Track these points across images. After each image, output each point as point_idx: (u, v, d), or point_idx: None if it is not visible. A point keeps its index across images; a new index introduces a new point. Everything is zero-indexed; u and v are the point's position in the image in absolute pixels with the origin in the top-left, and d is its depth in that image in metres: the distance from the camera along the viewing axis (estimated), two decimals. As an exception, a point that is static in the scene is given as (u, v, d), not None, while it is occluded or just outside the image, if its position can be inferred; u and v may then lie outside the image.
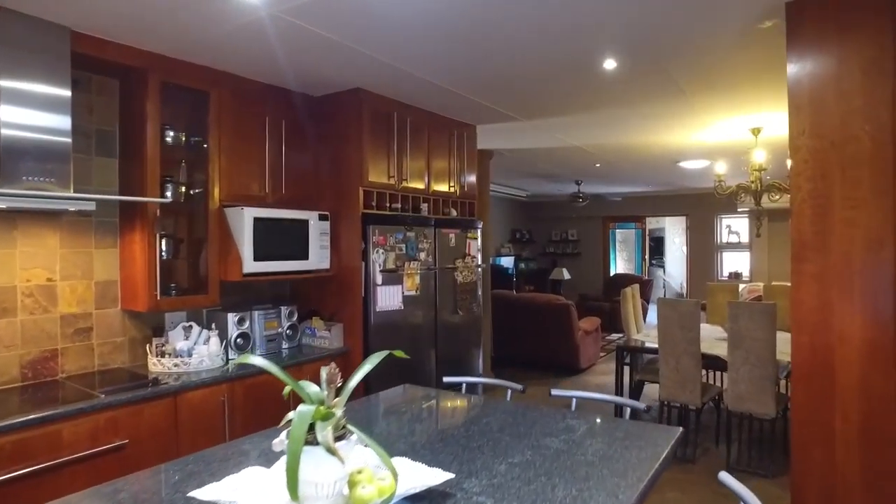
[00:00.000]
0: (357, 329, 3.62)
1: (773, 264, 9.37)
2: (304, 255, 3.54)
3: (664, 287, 13.48)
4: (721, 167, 4.84)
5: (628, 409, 2.18)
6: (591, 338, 6.76)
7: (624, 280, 10.52)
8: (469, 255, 4.36)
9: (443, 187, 4.29)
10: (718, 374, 4.91)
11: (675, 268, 13.42)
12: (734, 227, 9.86)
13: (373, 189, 3.70)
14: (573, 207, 10.24)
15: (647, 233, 11.55)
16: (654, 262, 13.74)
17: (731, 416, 3.81)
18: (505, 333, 6.91)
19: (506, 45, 2.83)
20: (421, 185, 4.09)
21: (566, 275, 10.66)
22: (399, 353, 1.62)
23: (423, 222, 3.96)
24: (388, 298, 3.68)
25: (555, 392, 2.40)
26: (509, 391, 2.47)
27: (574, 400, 2.27)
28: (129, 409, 2.52)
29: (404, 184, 3.93)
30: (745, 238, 9.74)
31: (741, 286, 7.59)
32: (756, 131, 4.58)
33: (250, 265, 3.22)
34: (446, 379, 2.58)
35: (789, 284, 2.49)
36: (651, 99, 3.81)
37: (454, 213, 4.41)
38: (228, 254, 3.21)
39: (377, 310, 3.61)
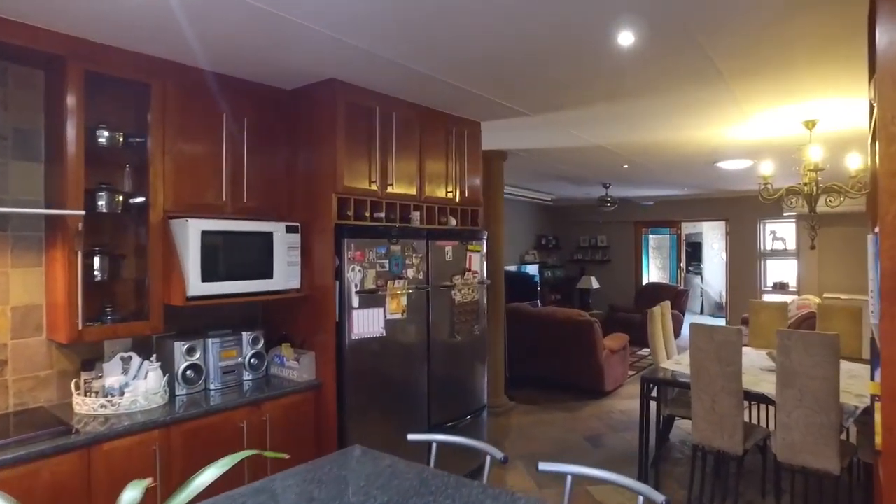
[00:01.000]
0: (329, 359, 3.10)
1: (825, 274, 8.50)
2: (267, 273, 3.04)
3: (702, 296, 12.62)
4: (767, 167, 4.16)
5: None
6: (618, 357, 6.10)
7: (656, 290, 9.78)
8: (470, 270, 3.80)
9: (439, 193, 3.74)
10: (764, 407, 4.22)
11: (713, 276, 12.54)
12: (780, 232, 9.02)
13: (349, 196, 3.18)
14: (602, 212, 9.54)
15: (682, 238, 10.76)
16: (690, 268, 12.89)
17: (782, 466, 3.14)
18: (522, 351, 6.31)
19: (493, 14, 2.27)
20: (411, 191, 3.55)
21: (595, 283, 9.97)
22: (271, 454, 1.07)
23: (411, 234, 3.42)
24: (367, 323, 3.14)
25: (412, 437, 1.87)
26: (487, 458, 1.89)
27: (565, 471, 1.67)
28: (22, 469, 2.04)
29: (390, 189, 3.40)
30: (791, 245, 8.89)
31: (789, 299, 6.81)
32: (811, 124, 3.89)
33: (197, 287, 2.73)
34: (411, 437, 2.03)
35: (844, 298, 1.87)
36: (680, 84, 3.19)
37: (453, 222, 3.85)
38: (172, 273, 2.73)
39: (353, 337, 3.08)
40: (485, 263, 3.98)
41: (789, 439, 3.02)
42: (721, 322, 10.92)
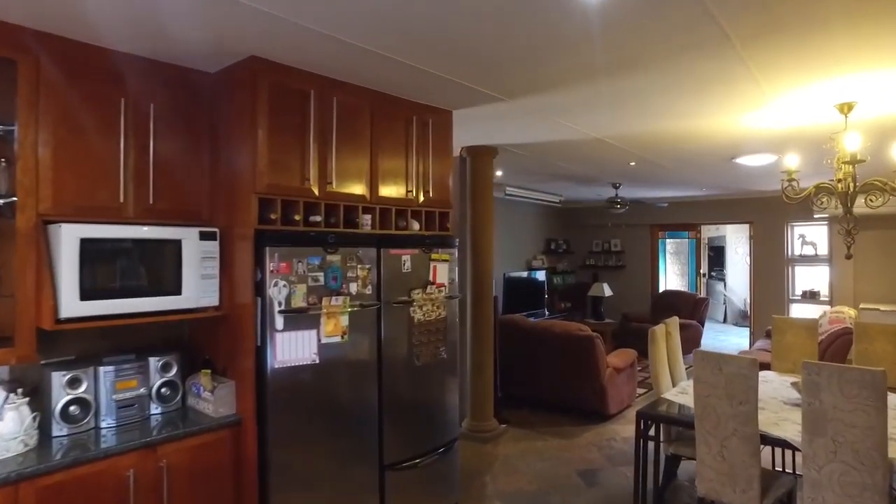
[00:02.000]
0: (249, 390, 2.57)
1: (862, 283, 7.71)
2: (174, 289, 2.52)
3: (725, 304, 11.84)
4: (792, 161, 3.51)
5: None
6: (625, 376, 5.47)
7: (674, 298, 9.08)
8: (435, 283, 3.24)
9: (396, 193, 3.19)
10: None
11: (738, 282, 11.74)
12: (809, 236, 8.25)
13: (274, 196, 2.65)
14: (614, 214, 8.89)
15: (701, 242, 10.03)
16: (713, 274, 12.11)
17: (808, 532, 2.51)
18: (517, 369, 5.72)
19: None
20: (359, 191, 3.00)
21: (607, 291, 9.29)
22: None
23: (356, 241, 2.88)
24: (295, 348, 2.61)
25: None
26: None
27: None
28: None
29: (331, 189, 2.86)
30: (822, 250, 8.12)
31: (819, 310, 6.09)
32: (846, 107, 3.24)
33: (72, 306, 2.22)
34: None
35: (884, 309, 1.29)
36: (675, 55, 2.58)
37: (416, 226, 3.30)
38: (43, 290, 2.23)
39: (276, 364, 2.54)
40: (456, 274, 3.41)
41: (819, 500, 2.39)
42: (745, 332, 10.15)
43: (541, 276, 8.97)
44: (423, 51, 2.53)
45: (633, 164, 5.48)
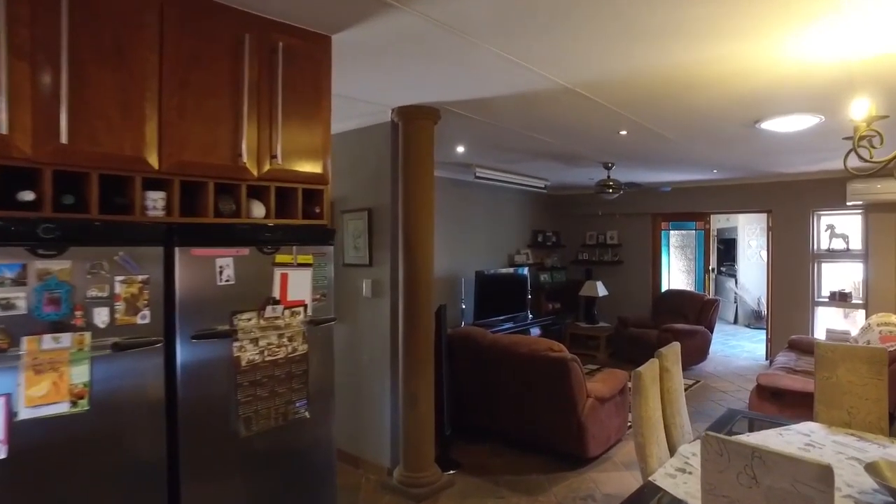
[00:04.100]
0: None
1: (904, 283, 6.43)
2: None
3: (736, 303, 10.57)
4: (861, 108, 2.24)
5: None
6: (611, 406, 4.25)
7: (678, 299, 7.84)
8: (285, 300, 2.02)
9: (218, 158, 1.96)
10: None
11: (750, 279, 10.47)
12: (840, 227, 6.97)
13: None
14: (608, 202, 7.63)
15: (710, 234, 8.74)
16: (723, 269, 10.83)
17: None
18: (475, 394, 4.51)
19: None
20: (133, 149, 1.77)
21: (602, 290, 8.06)
22: None
23: (117, 234, 1.66)
24: (-48, 438, 1.40)
25: None
26: None
27: None
28: None
29: (66, 142, 1.63)
30: (856, 243, 6.84)
31: (852, 316, 4.84)
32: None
33: None
34: None
35: None
36: None
37: (260, 211, 2.07)
38: None
39: None
40: (330, 282, 2.19)
41: None
42: (759, 336, 8.88)
43: (526, 273, 7.72)
44: None
45: (623, 132, 4.22)
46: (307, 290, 2.10)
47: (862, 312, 6.84)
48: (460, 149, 5.17)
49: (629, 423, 4.77)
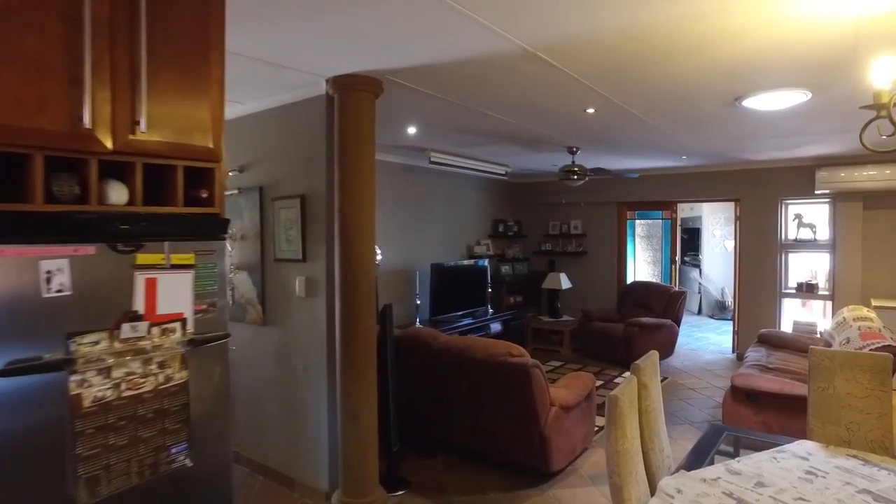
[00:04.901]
0: None
1: (872, 274, 6.26)
2: None
3: (700, 293, 10.41)
4: (886, 68, 1.83)
5: None
6: (577, 413, 3.85)
7: (644, 291, 7.54)
8: (153, 315, 1.50)
9: (51, 122, 1.42)
10: None
11: (714, 269, 10.32)
12: (807, 216, 6.76)
13: None
14: (576, 191, 7.25)
15: (677, 224, 8.48)
16: (686, 259, 10.65)
17: None
18: (428, 402, 4.06)
19: None
20: None
21: (565, 282, 7.71)
22: None
23: None
24: None
25: None
26: None
27: None
28: None
29: None
30: (823, 233, 6.64)
31: (839, 316, 4.58)
32: None
33: None
34: None
35: None
36: None
37: (120, 196, 1.54)
38: None
39: None
40: (221, 285, 1.69)
41: None
42: (724, 328, 8.70)
43: (486, 265, 7.29)
44: None
45: (591, 110, 3.79)
46: (187, 300, 1.58)
47: (828, 304, 6.68)
48: (411, 130, 4.67)
49: (596, 428, 4.41)
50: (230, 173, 3.87)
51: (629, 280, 8.43)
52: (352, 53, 2.73)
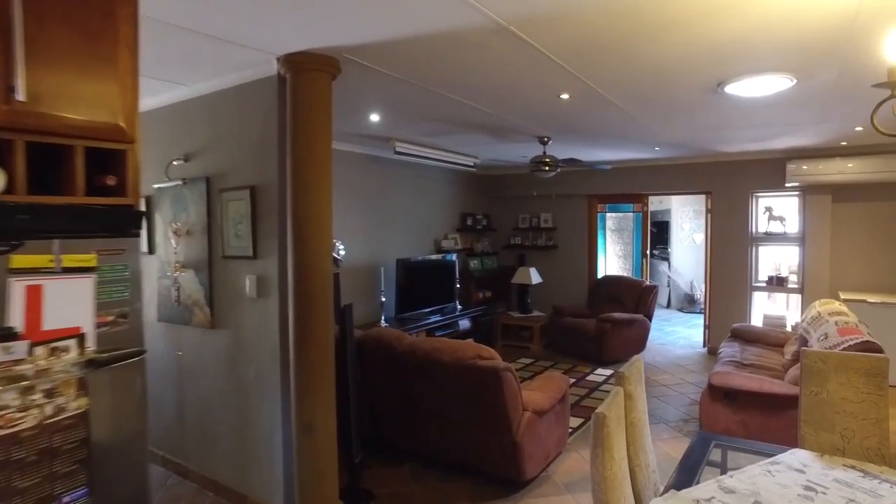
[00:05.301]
0: None
1: (840, 267, 6.24)
2: None
3: (669, 286, 10.38)
4: (902, 39, 1.67)
5: None
6: (551, 416, 3.65)
7: (614, 286, 7.41)
8: (36, 331, 1.20)
9: None
10: None
11: (683, 262, 10.30)
12: (777, 209, 6.71)
13: None
14: (547, 184, 7.06)
15: (648, 217, 8.39)
16: (655, 252, 10.60)
17: None
18: (393, 408, 3.80)
19: None
20: None
21: (535, 277, 7.53)
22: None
23: None
24: None
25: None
26: None
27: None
28: None
29: None
30: (793, 227, 6.60)
31: (815, 310, 4.48)
32: None
33: None
34: None
35: (873, 301, 0.37)
36: None
37: (-3, 179, 1.24)
38: None
39: None
40: (134, 290, 1.39)
41: None
42: (694, 321, 8.67)
43: (454, 259, 7.05)
44: None
45: (565, 96, 3.57)
46: (86, 311, 1.29)
47: (793, 297, 6.65)
48: (374, 117, 4.37)
49: (570, 429, 4.22)
50: (174, 162, 3.53)
51: (600, 274, 8.30)
52: (305, 28, 2.44)
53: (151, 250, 3.75)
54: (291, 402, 2.94)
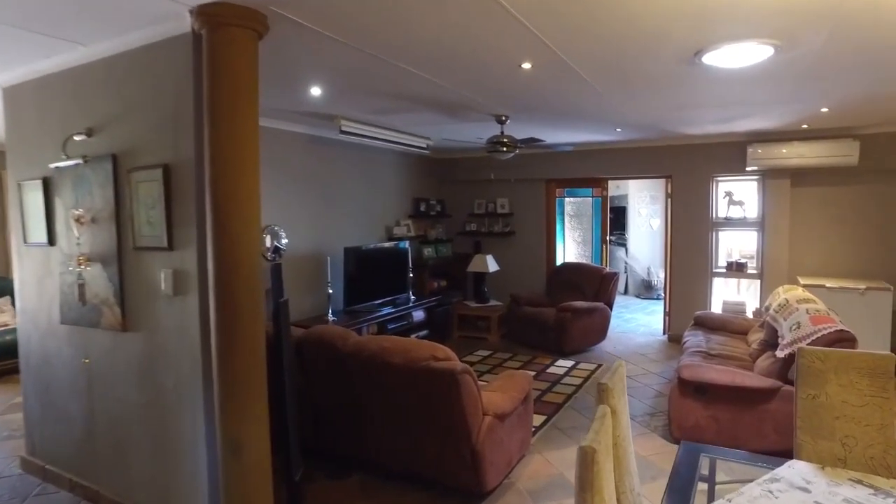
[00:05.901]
0: None
1: (799, 252, 6.17)
2: None
3: (626, 272, 10.29)
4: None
5: None
6: (513, 419, 3.34)
7: (573, 273, 7.18)
8: None
9: None
10: None
11: (640, 248, 10.22)
12: (737, 194, 6.60)
13: None
14: (504, 167, 6.73)
15: (607, 202, 8.19)
16: (612, 238, 10.48)
17: None
18: (338, 415, 3.41)
19: None
20: None
21: (492, 265, 7.22)
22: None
23: None
24: None
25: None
26: None
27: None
28: None
29: None
30: (752, 211, 6.50)
31: (782, 297, 4.31)
32: None
33: None
34: None
35: (831, 286, 0.23)
36: None
37: None
38: None
39: None
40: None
41: None
42: (652, 308, 8.58)
43: (407, 247, 6.65)
44: None
45: (527, 65, 3.21)
46: None
47: (752, 282, 6.58)
48: (316, 91, 3.92)
49: (534, 428, 3.93)
50: (75, 137, 3.01)
51: (559, 261, 8.08)
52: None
53: (51, 241, 3.22)
54: (216, 415, 2.51)
